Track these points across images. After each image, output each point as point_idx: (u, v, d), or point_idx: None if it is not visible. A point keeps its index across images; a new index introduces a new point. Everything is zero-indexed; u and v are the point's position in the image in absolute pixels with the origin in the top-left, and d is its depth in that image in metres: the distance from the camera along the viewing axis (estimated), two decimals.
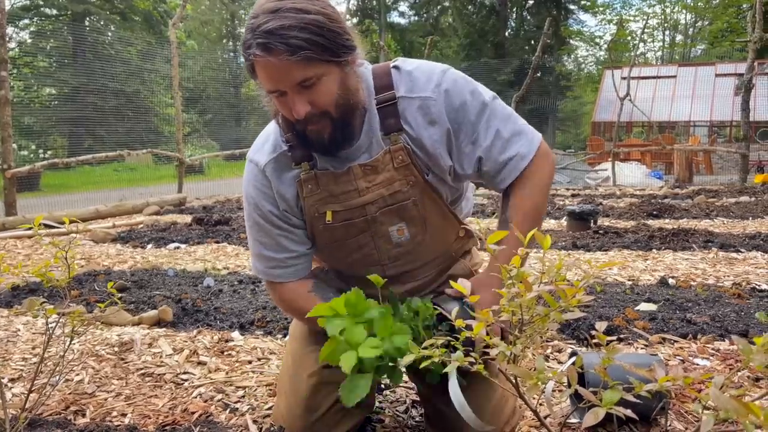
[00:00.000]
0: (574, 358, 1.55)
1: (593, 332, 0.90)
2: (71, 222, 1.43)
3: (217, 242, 4.84)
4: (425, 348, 0.95)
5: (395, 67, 1.35)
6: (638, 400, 0.83)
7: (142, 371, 2.03)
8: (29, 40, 19.83)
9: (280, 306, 1.54)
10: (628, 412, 0.77)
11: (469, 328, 0.94)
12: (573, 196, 8.37)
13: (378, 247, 1.41)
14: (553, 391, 1.82)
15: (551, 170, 1.41)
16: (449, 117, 1.31)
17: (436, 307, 1.27)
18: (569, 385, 0.88)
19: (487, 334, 0.92)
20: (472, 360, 0.93)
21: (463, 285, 0.94)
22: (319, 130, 1.23)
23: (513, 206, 1.36)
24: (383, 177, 1.33)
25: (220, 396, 1.82)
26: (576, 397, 1.54)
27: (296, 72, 1.15)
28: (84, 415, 1.71)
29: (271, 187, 1.38)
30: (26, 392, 1.69)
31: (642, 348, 2.13)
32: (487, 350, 0.93)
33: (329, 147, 1.28)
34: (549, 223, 5.65)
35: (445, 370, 0.93)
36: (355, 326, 1.13)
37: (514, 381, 0.95)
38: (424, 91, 1.31)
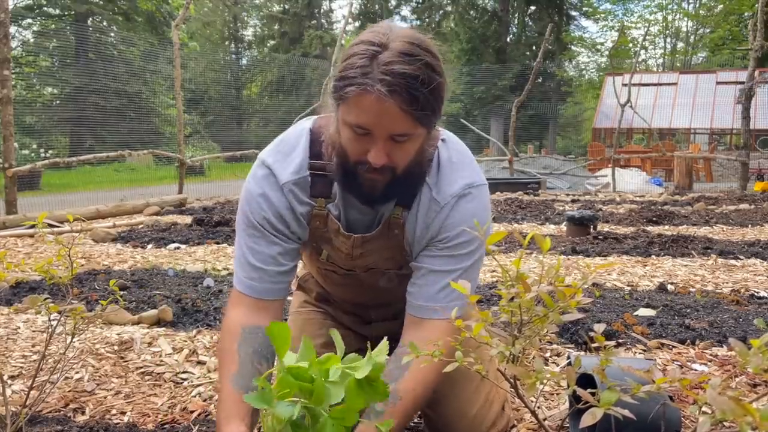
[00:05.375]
0: (571, 359, 1.56)
1: (592, 334, 0.91)
2: (75, 220, 1.44)
3: (218, 243, 4.85)
4: None
5: (438, 149, 1.29)
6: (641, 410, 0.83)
7: (142, 370, 2.04)
8: (32, 40, 19.89)
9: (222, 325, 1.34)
10: (626, 412, 0.78)
11: None
12: (573, 201, 8.38)
13: (365, 289, 1.46)
14: (551, 393, 1.83)
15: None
16: (437, 230, 1.27)
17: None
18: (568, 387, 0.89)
19: None
20: (471, 360, 0.94)
21: (463, 285, 0.95)
22: (375, 180, 1.17)
23: (406, 379, 1.21)
24: (377, 245, 1.33)
25: None
26: (575, 399, 1.55)
27: (401, 124, 1.09)
28: (83, 413, 1.71)
29: (287, 203, 1.29)
30: (26, 389, 1.69)
31: (640, 353, 2.14)
32: None
33: (377, 198, 1.22)
34: (548, 228, 5.67)
35: None
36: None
37: (513, 382, 0.96)
38: (442, 195, 1.26)
